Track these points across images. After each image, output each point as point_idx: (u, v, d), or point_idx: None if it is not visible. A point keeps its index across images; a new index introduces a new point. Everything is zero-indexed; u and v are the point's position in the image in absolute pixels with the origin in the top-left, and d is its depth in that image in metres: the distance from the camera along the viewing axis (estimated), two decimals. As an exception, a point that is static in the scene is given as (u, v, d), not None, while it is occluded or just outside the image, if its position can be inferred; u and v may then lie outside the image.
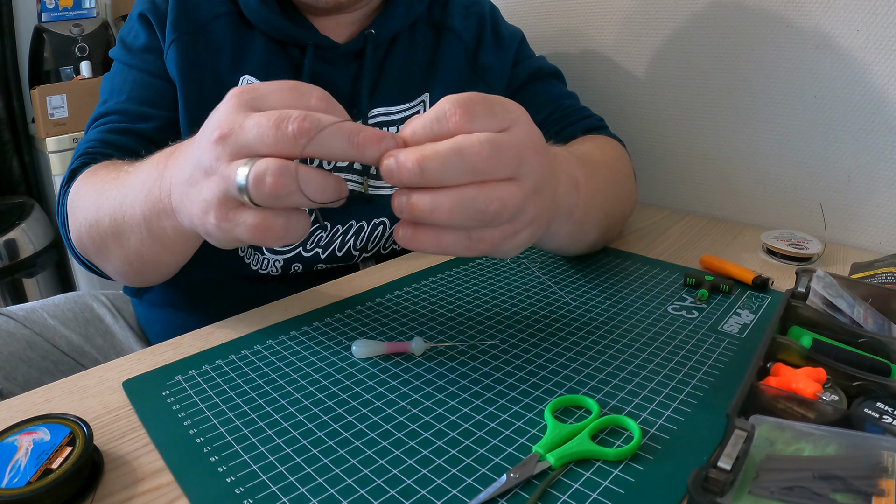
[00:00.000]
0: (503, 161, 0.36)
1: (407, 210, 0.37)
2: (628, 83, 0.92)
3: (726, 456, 0.31)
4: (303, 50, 0.66)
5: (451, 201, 0.36)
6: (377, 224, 0.69)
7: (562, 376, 0.46)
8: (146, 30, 0.66)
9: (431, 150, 0.35)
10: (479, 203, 0.36)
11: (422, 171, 0.35)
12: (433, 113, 0.37)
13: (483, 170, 0.36)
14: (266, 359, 0.49)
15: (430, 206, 0.36)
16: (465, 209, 0.36)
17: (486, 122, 0.37)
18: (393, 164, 0.36)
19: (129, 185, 0.51)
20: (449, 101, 0.37)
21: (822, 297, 0.48)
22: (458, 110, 0.36)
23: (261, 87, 0.38)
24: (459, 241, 0.38)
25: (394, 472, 0.37)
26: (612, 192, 0.61)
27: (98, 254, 0.59)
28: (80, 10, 1.90)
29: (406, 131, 0.37)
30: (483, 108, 0.37)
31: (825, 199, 0.76)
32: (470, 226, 0.38)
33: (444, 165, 0.35)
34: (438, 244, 0.38)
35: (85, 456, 0.35)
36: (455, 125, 0.36)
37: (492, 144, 0.36)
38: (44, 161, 1.81)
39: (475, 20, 0.75)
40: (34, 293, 1.77)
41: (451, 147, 0.35)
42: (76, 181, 0.60)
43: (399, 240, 0.38)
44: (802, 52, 0.74)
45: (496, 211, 0.37)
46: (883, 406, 0.37)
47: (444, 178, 0.35)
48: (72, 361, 0.70)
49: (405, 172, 0.35)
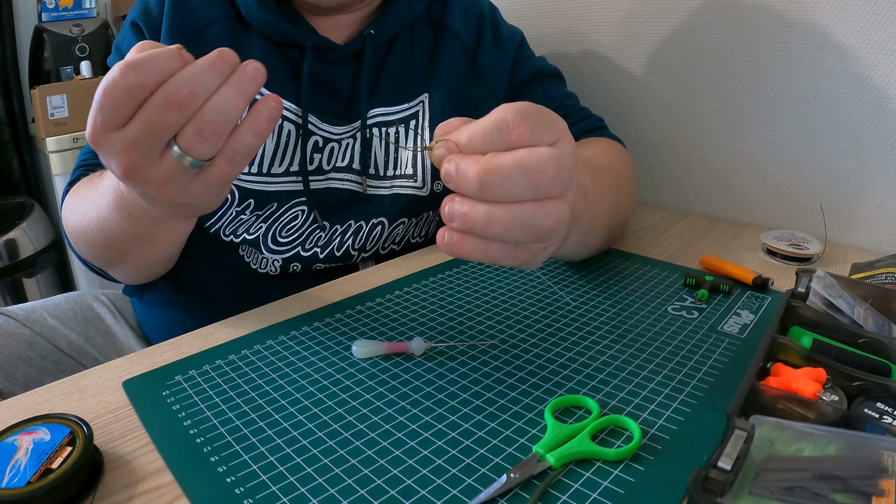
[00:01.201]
0: (562, 180, 0.35)
1: (459, 220, 0.35)
2: (628, 83, 0.92)
3: (726, 456, 0.31)
4: (301, 51, 0.66)
5: (507, 216, 0.34)
6: (375, 224, 0.69)
7: (562, 376, 0.46)
8: (138, 37, 0.66)
9: (496, 165, 0.34)
10: (537, 219, 0.35)
11: (482, 185, 0.34)
12: (493, 122, 0.35)
13: (545, 189, 0.35)
14: (266, 359, 0.49)
15: (484, 219, 0.34)
16: (521, 225, 0.35)
17: (544, 136, 0.35)
18: (453, 170, 0.35)
19: (105, 208, 0.52)
20: (510, 111, 0.35)
21: (823, 298, 0.48)
22: (522, 123, 0.35)
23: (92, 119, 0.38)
24: (506, 251, 0.37)
25: (394, 472, 0.37)
26: (615, 197, 0.61)
27: (104, 266, 0.62)
28: (80, 10, 1.90)
29: (461, 136, 0.35)
30: (541, 121, 0.36)
31: (825, 199, 0.76)
32: (520, 241, 0.37)
33: (507, 182, 0.34)
34: (485, 253, 0.36)
35: (85, 456, 0.35)
36: (518, 137, 0.34)
37: (556, 164, 0.35)
38: (44, 161, 1.81)
39: (475, 20, 0.75)
40: (34, 293, 1.77)
41: (516, 164, 0.34)
42: (68, 195, 0.62)
43: (443, 245, 0.37)
44: (802, 53, 0.74)
45: (551, 228, 0.36)
46: (883, 406, 0.37)
47: (506, 194, 0.34)
48: (72, 361, 0.70)
49: (464, 182, 0.34)
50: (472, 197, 0.35)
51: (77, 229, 0.58)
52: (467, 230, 0.36)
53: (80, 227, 0.57)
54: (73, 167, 0.66)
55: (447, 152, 0.35)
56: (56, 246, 1.82)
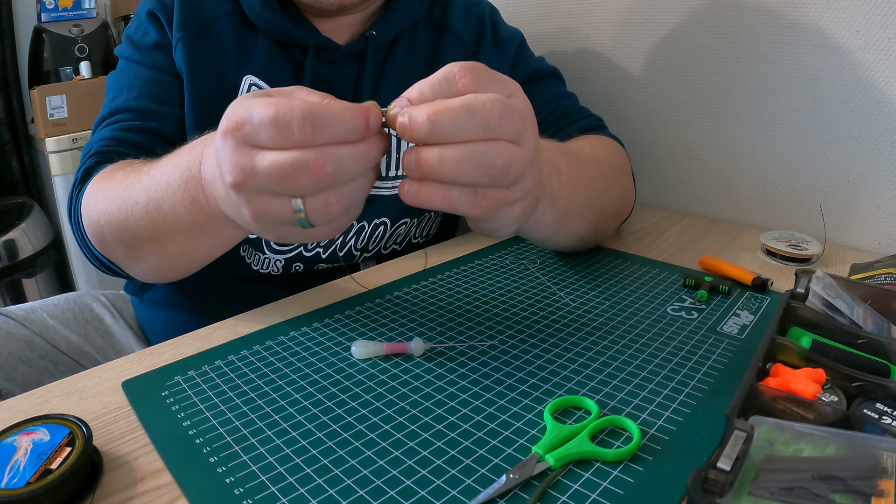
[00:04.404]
0: (511, 122, 0.37)
1: (416, 165, 0.37)
2: (628, 84, 0.92)
3: (726, 456, 0.31)
4: (304, 51, 0.66)
5: (459, 154, 0.36)
6: (378, 224, 0.69)
7: (561, 377, 0.46)
8: (156, 27, 0.65)
9: (444, 106, 0.36)
10: (489, 157, 0.37)
11: (432, 126, 0.35)
12: (441, 75, 0.38)
13: (493, 127, 0.36)
14: (266, 359, 0.49)
15: (438, 159, 0.36)
16: (473, 161, 0.36)
17: (491, 87, 0.38)
18: (406, 120, 0.36)
19: (162, 189, 0.49)
20: (456, 65, 0.38)
21: (822, 298, 0.48)
22: (467, 73, 0.37)
23: (249, 121, 0.37)
24: (465, 196, 0.38)
25: (393, 472, 0.37)
26: (599, 185, 0.61)
27: (129, 257, 0.57)
28: (79, 10, 1.90)
29: (412, 92, 0.38)
30: (487, 75, 0.39)
31: (825, 199, 0.76)
32: (476, 182, 0.38)
33: (455, 120, 0.36)
34: (444, 198, 0.38)
35: (84, 456, 0.35)
36: (464, 86, 0.37)
37: (502, 104, 0.37)
38: (43, 161, 1.80)
39: (475, 21, 0.75)
40: (33, 293, 1.77)
41: (463, 103, 0.36)
42: (91, 182, 0.58)
43: (404, 195, 0.38)
44: (802, 53, 0.74)
45: (504, 166, 0.37)
46: (882, 407, 0.37)
47: (455, 133, 0.36)
48: (71, 361, 0.70)
49: (416, 127, 0.36)
50: (425, 142, 0.37)
51: (108, 214, 0.54)
52: (424, 175, 0.37)
53: (114, 211, 0.53)
54: (73, 167, 0.65)
55: (399, 110, 0.37)
56: (55, 246, 1.82)
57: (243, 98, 0.38)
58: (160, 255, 0.54)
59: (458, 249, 0.73)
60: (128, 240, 0.54)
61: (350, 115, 0.36)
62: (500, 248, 0.73)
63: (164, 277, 0.60)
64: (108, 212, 0.54)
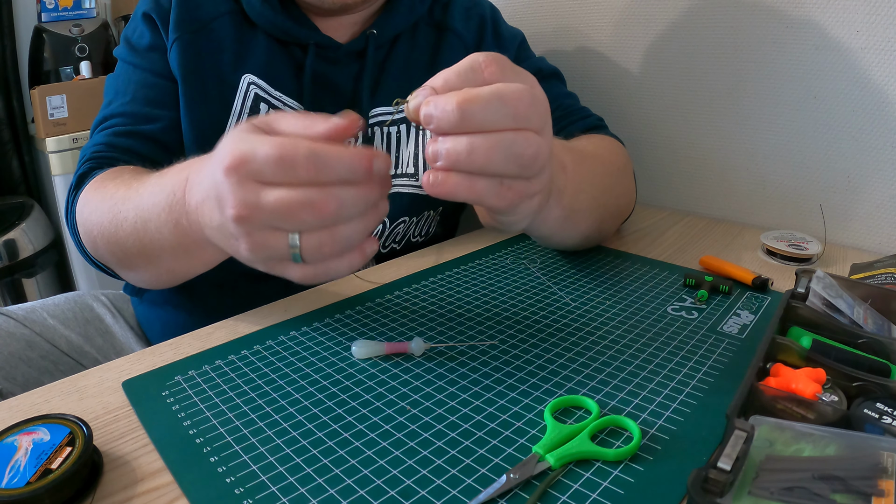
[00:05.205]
0: (538, 111, 0.37)
1: (444, 156, 0.36)
2: (628, 84, 0.92)
3: (726, 456, 0.31)
4: (304, 49, 0.66)
5: (489, 143, 0.35)
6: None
7: (562, 377, 0.46)
8: (150, 29, 0.66)
9: (474, 94, 0.35)
10: (518, 146, 0.36)
11: (462, 114, 0.35)
12: (466, 63, 0.37)
13: (523, 116, 0.36)
14: (266, 359, 0.49)
15: (467, 148, 0.35)
16: (504, 150, 0.36)
17: (514, 77, 0.38)
18: (432, 110, 0.35)
19: (148, 210, 0.49)
20: (481, 54, 0.37)
21: (822, 298, 0.48)
22: (493, 62, 0.37)
23: (253, 159, 0.37)
24: (492, 187, 0.37)
25: (393, 472, 0.37)
26: (603, 183, 0.61)
27: (122, 268, 0.59)
28: (79, 10, 1.90)
29: (437, 81, 0.37)
30: (510, 66, 0.38)
31: (825, 199, 0.76)
32: (504, 172, 0.37)
33: (486, 108, 0.35)
34: (471, 189, 0.37)
35: (84, 456, 0.35)
36: (490, 75, 0.36)
37: (531, 94, 0.36)
38: (44, 161, 1.81)
39: (476, 21, 0.75)
40: (34, 293, 1.77)
41: (494, 91, 0.35)
42: (84, 190, 0.59)
43: (429, 186, 0.37)
44: (802, 53, 0.74)
45: (532, 155, 0.37)
46: (882, 406, 0.37)
47: (485, 121, 0.35)
48: (71, 361, 0.70)
49: (445, 115, 0.35)
50: (453, 132, 0.36)
51: (100, 226, 0.55)
52: (451, 165, 0.36)
53: (106, 224, 0.54)
54: (73, 167, 0.65)
55: (423, 99, 0.36)
56: (56, 246, 1.82)
57: (239, 133, 0.38)
58: (149, 269, 0.56)
59: (459, 249, 0.73)
60: (118, 252, 0.55)
61: (352, 158, 0.36)
62: (500, 248, 0.73)
63: (156, 286, 0.61)
64: (101, 223, 0.55)
